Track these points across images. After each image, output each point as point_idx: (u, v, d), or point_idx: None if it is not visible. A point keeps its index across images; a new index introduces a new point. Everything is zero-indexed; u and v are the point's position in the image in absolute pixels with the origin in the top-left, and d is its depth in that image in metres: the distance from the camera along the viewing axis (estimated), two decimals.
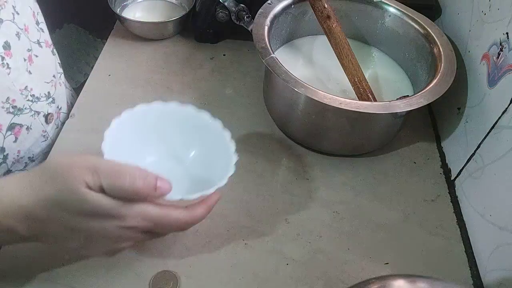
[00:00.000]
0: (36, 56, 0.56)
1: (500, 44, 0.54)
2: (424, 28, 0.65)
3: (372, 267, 0.53)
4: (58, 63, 0.66)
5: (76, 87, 1.57)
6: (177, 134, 0.54)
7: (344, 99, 0.53)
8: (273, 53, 0.58)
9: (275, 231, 0.55)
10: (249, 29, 0.63)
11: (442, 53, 0.61)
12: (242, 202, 0.57)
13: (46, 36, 0.60)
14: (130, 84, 0.70)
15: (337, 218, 0.57)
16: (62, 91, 0.65)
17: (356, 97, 0.63)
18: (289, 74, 0.55)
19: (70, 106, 0.67)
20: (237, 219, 0.56)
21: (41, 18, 0.60)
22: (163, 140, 0.54)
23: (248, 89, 0.72)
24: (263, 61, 0.56)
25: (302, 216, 0.57)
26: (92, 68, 0.73)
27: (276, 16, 0.64)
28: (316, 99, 0.53)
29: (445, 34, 0.64)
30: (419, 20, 0.66)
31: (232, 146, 0.50)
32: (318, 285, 0.51)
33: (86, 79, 0.71)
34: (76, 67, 1.50)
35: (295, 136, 0.64)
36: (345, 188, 0.61)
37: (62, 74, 0.67)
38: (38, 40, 0.57)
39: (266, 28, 0.61)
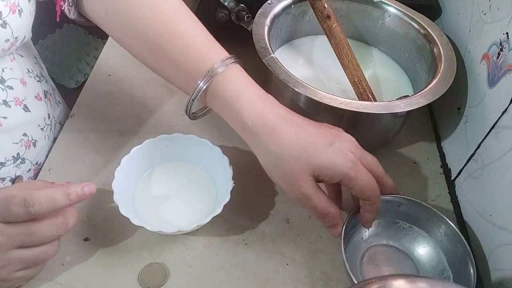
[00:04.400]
0: (4, 118, 0.52)
1: (500, 44, 0.54)
2: (424, 28, 0.65)
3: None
4: (48, 114, 0.61)
5: (76, 87, 1.57)
6: (182, 162, 0.58)
7: (344, 99, 0.53)
8: (273, 53, 0.58)
9: (275, 231, 0.55)
10: (249, 29, 0.63)
11: (442, 53, 0.61)
12: (242, 202, 0.57)
13: (17, 93, 0.54)
14: (130, 84, 0.70)
15: None
16: (43, 145, 0.60)
17: (356, 97, 0.63)
18: (289, 74, 0.55)
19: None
20: (237, 219, 0.56)
21: (9, 74, 0.53)
22: (169, 169, 0.58)
23: None
24: (263, 61, 0.56)
25: (302, 216, 0.57)
26: (92, 68, 0.73)
27: (276, 16, 0.64)
28: (316, 99, 0.53)
29: (445, 34, 0.64)
30: (419, 20, 0.66)
31: (230, 171, 0.53)
32: (318, 285, 0.51)
33: (86, 79, 0.71)
34: (76, 67, 1.50)
35: None
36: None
37: (50, 126, 0.61)
38: (4, 101, 0.52)
39: (266, 28, 0.61)
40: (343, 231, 0.50)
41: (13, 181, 0.55)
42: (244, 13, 0.65)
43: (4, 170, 0.54)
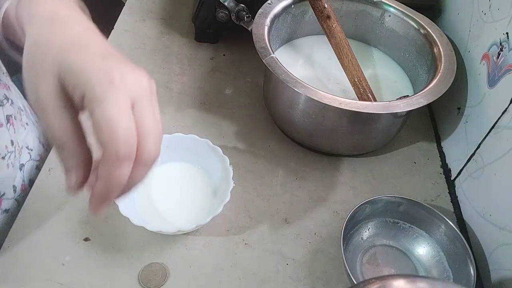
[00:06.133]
0: None
1: (500, 44, 0.54)
2: (424, 28, 0.65)
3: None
4: (11, 140, 0.54)
5: None
6: (182, 162, 0.58)
7: (344, 99, 0.53)
8: (273, 53, 0.58)
9: (275, 231, 0.55)
10: (249, 29, 0.63)
11: (442, 53, 0.61)
12: (242, 202, 0.57)
13: None
14: None
15: (337, 218, 0.57)
16: (6, 174, 0.53)
17: (356, 97, 0.63)
18: (289, 74, 0.55)
19: (28, 183, 0.57)
20: (237, 219, 0.56)
21: None
22: (169, 170, 0.57)
23: (248, 89, 0.72)
24: (263, 61, 0.56)
25: (302, 216, 0.57)
26: None
27: (276, 16, 0.64)
28: (316, 99, 0.53)
29: (445, 34, 0.64)
30: (419, 20, 0.66)
31: (230, 171, 0.53)
32: (318, 285, 0.51)
33: None
34: None
35: (295, 136, 0.64)
36: (345, 188, 0.61)
37: (13, 153, 0.55)
38: None
39: (266, 28, 0.61)
40: (343, 230, 0.50)
41: None
42: (244, 13, 0.65)
43: None
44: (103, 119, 0.29)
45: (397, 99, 0.56)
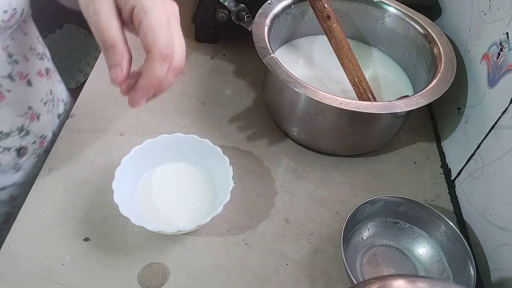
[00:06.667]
0: (8, 91, 0.54)
1: (500, 44, 0.54)
2: (424, 28, 0.65)
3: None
4: (50, 90, 0.63)
5: (76, 87, 1.57)
6: (182, 162, 0.58)
7: (344, 99, 0.53)
8: (273, 53, 0.58)
9: (275, 231, 0.55)
10: (249, 29, 0.63)
11: (442, 53, 0.61)
12: (242, 202, 0.57)
13: (21, 67, 0.56)
14: None
15: (337, 218, 0.57)
16: (46, 119, 0.62)
17: (356, 97, 0.63)
18: (289, 74, 0.55)
19: (57, 131, 0.64)
20: (237, 219, 0.56)
21: (14, 49, 0.55)
22: (169, 169, 0.58)
23: (248, 89, 0.72)
24: (263, 61, 0.56)
25: (302, 216, 0.57)
26: (92, 68, 0.73)
27: (276, 16, 0.64)
28: (316, 99, 0.53)
29: (445, 34, 0.64)
30: (419, 20, 0.66)
31: (230, 171, 0.53)
32: (318, 285, 0.51)
33: (86, 79, 0.71)
34: (76, 67, 1.50)
35: (295, 136, 0.64)
36: (345, 188, 0.61)
37: (52, 102, 0.63)
38: (9, 74, 0.54)
39: (266, 28, 0.61)
40: (343, 230, 0.50)
41: (18, 151, 0.57)
42: (244, 13, 0.65)
43: (9, 140, 0.56)
44: (149, 26, 0.38)
45: (397, 99, 0.56)
